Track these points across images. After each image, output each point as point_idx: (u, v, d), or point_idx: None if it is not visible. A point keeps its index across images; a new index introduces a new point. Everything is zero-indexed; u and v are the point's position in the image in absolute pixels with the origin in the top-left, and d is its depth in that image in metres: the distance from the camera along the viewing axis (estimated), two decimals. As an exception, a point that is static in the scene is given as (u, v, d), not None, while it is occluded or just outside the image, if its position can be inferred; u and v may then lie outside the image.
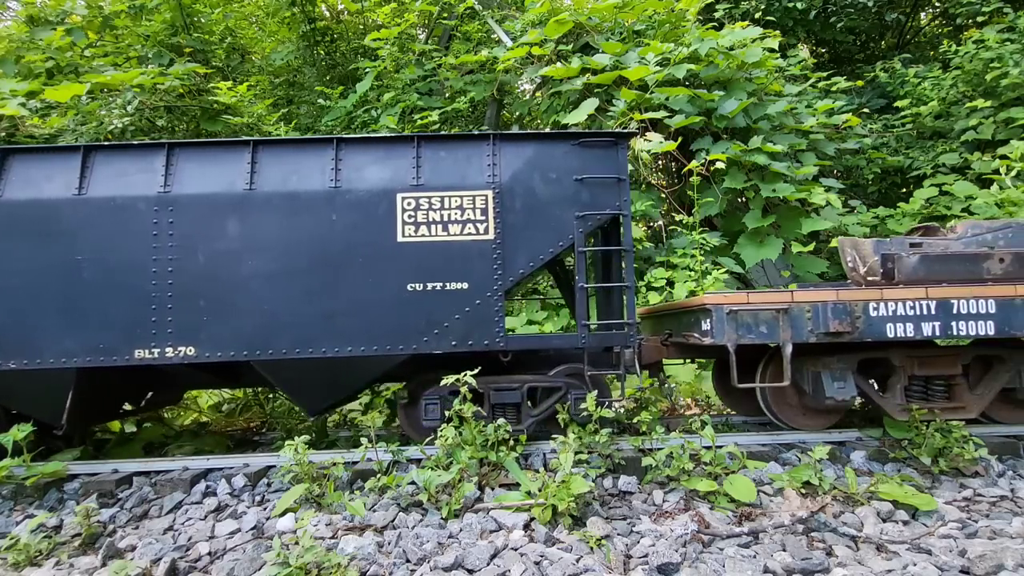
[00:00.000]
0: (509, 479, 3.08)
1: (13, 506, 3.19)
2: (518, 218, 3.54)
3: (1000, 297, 3.25)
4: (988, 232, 3.74)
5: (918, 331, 3.23)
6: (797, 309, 3.24)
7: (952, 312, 3.25)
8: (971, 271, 3.56)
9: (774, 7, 10.33)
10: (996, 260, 3.57)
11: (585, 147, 3.63)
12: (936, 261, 3.57)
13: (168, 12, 9.42)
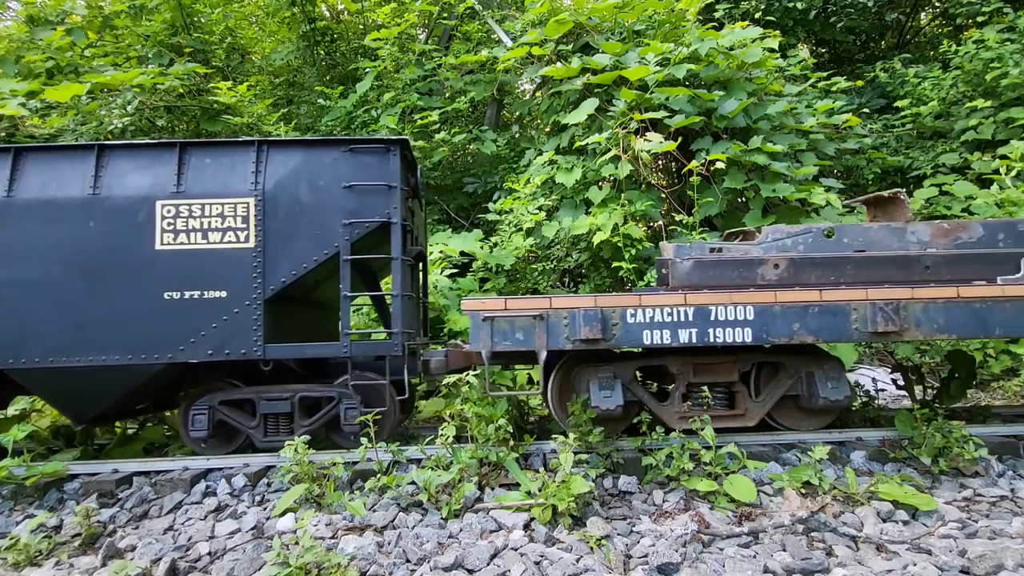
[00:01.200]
0: (509, 479, 3.08)
1: (13, 506, 3.19)
2: (282, 226, 3.53)
3: (758, 304, 3.15)
4: (788, 237, 3.67)
5: (675, 338, 3.12)
6: (555, 316, 3.15)
7: (710, 319, 3.14)
8: (744, 277, 3.48)
9: (774, 7, 10.33)
10: (771, 266, 3.49)
11: (356, 154, 3.61)
12: (710, 267, 3.50)
13: (168, 12, 9.42)
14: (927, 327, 3.12)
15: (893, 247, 3.65)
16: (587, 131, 7.11)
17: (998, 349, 5.75)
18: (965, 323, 3.11)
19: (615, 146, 6.43)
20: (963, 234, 3.67)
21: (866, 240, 3.70)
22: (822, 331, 3.13)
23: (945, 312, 3.11)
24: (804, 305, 3.15)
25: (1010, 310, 3.11)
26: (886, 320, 3.06)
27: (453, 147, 8.71)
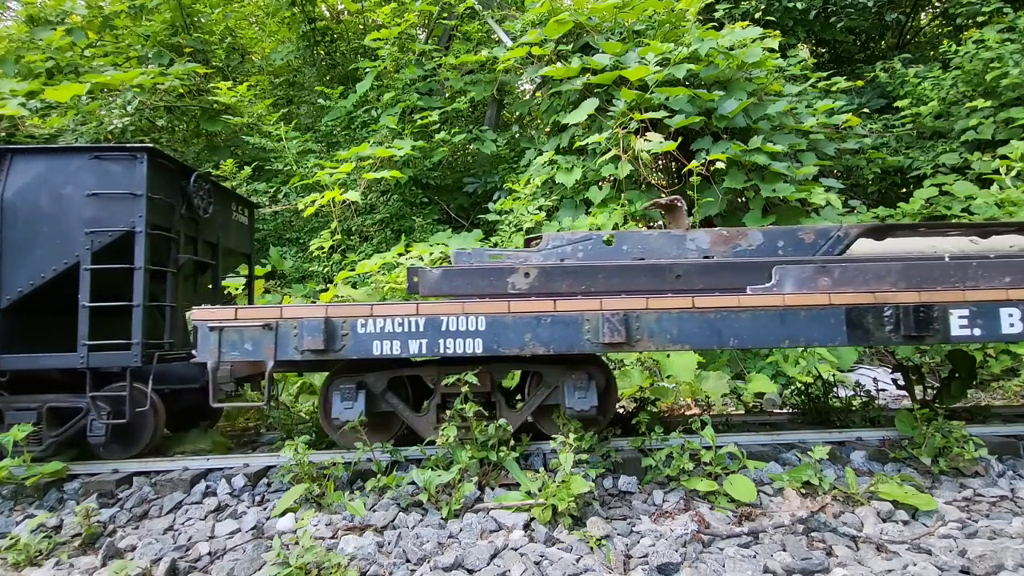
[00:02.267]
0: (509, 479, 3.08)
1: (13, 506, 3.19)
2: (20, 235, 3.46)
3: (490, 314, 3.04)
4: (568, 244, 3.60)
5: (405, 349, 3.02)
6: (284, 325, 3.05)
7: (441, 329, 3.03)
8: (495, 286, 3.41)
9: (774, 7, 10.34)
10: (521, 275, 3.42)
11: (101, 162, 3.53)
12: (459, 276, 3.43)
13: (168, 12, 9.43)
14: (660, 338, 3.02)
15: (672, 254, 3.60)
16: (587, 131, 7.11)
17: (998, 349, 5.75)
18: (699, 334, 3.01)
19: (615, 146, 6.43)
20: (742, 242, 3.61)
21: (645, 248, 3.63)
22: (553, 342, 3.02)
23: (679, 323, 3.01)
24: (536, 316, 3.03)
25: (746, 320, 3.01)
26: (612, 331, 2.96)
27: (453, 147, 8.71)
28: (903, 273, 3.17)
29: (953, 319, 3.01)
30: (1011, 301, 3.03)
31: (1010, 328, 3.01)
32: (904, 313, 2.99)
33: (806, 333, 3.00)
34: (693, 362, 4.99)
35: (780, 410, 4.99)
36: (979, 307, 3.03)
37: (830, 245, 3.62)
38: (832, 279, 3.16)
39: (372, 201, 8.25)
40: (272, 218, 8.33)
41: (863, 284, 3.15)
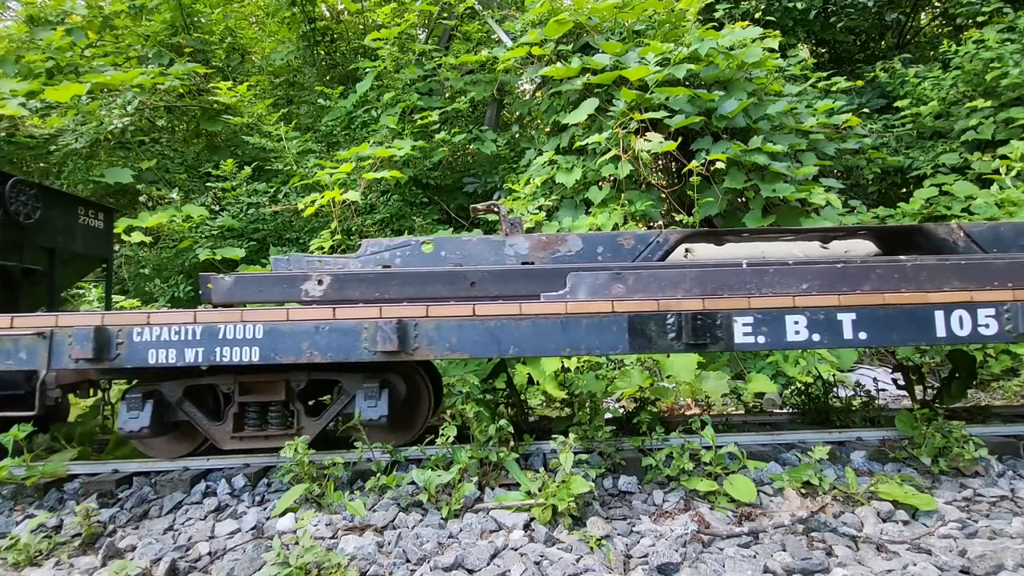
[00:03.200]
0: (509, 479, 3.08)
1: (13, 506, 3.19)
2: None
3: (268, 322, 2.99)
4: (387, 250, 3.57)
5: (181, 357, 2.97)
6: (60, 334, 2.99)
7: (218, 338, 2.98)
8: (288, 293, 3.37)
9: (774, 7, 10.34)
10: (315, 282, 3.37)
11: None
12: (252, 283, 3.39)
13: (168, 12, 9.43)
14: (439, 346, 2.98)
15: (490, 261, 3.57)
16: (587, 131, 7.11)
17: (998, 349, 5.75)
18: (479, 342, 2.97)
19: (615, 146, 6.43)
20: (561, 247, 3.58)
21: (463, 254, 3.60)
22: (331, 350, 2.97)
23: (459, 331, 2.97)
24: (315, 324, 2.99)
25: (526, 328, 2.97)
26: (384, 339, 2.92)
27: (453, 147, 8.71)
28: (698, 280, 3.12)
29: (737, 327, 2.96)
30: (797, 308, 2.98)
31: (795, 336, 2.96)
32: (686, 321, 2.95)
33: (587, 341, 2.97)
34: (693, 362, 4.99)
35: (780, 410, 4.99)
36: (764, 315, 2.98)
37: (650, 251, 3.59)
38: (627, 286, 3.11)
39: (372, 201, 8.25)
40: (272, 218, 8.33)
41: (658, 291, 3.11)
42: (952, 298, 3.01)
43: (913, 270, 3.13)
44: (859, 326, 2.97)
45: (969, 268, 3.13)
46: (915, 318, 2.99)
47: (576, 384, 4.26)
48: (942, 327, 2.98)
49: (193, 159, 9.33)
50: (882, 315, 2.98)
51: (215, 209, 8.45)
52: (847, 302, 2.99)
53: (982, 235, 3.65)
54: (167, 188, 8.19)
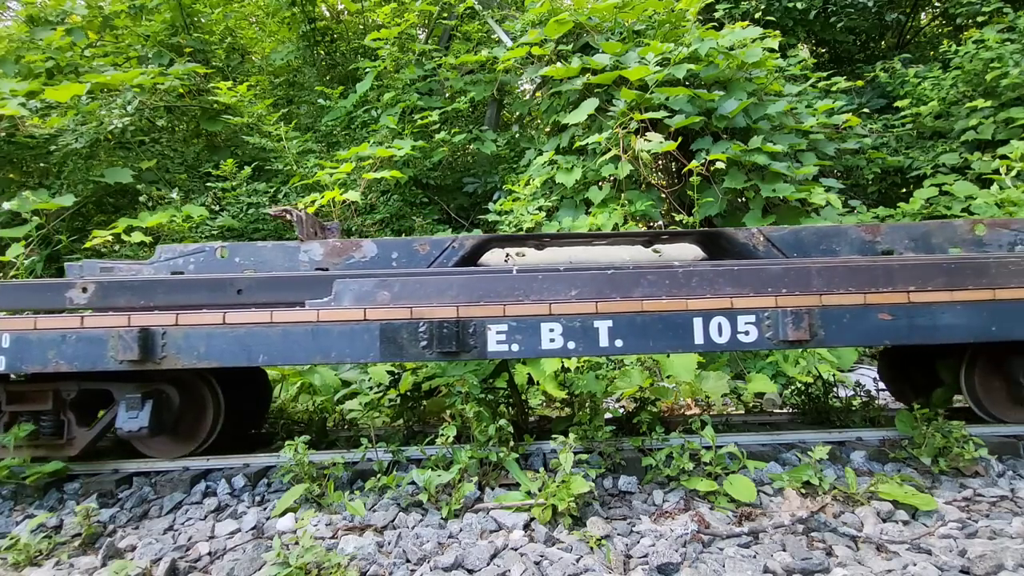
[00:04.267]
0: (509, 479, 3.08)
1: (13, 506, 3.19)
2: None
3: (14, 330, 2.92)
4: (181, 256, 3.51)
5: None
6: None
7: None
8: (52, 301, 3.29)
9: (774, 7, 10.34)
10: (79, 289, 3.29)
11: None
12: (17, 291, 3.30)
13: (168, 12, 9.43)
14: (188, 355, 2.92)
15: (284, 267, 3.51)
16: (587, 131, 7.11)
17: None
18: (228, 350, 2.92)
19: (615, 146, 6.43)
20: (356, 253, 3.54)
21: (258, 260, 3.54)
22: (77, 359, 2.91)
23: (208, 339, 2.92)
24: (61, 332, 2.93)
25: (276, 336, 2.92)
26: (125, 348, 2.87)
27: (453, 147, 8.71)
28: (465, 287, 3.05)
29: (491, 335, 2.92)
30: (553, 316, 2.93)
31: (551, 344, 2.92)
32: (437, 329, 2.91)
33: (338, 349, 2.93)
34: (693, 362, 4.99)
35: (780, 410, 4.98)
36: (519, 322, 2.93)
37: (445, 256, 3.55)
38: (392, 293, 3.06)
39: (372, 201, 8.25)
40: (272, 218, 8.33)
41: (423, 298, 3.05)
42: (711, 305, 2.96)
43: (684, 276, 3.06)
44: (615, 334, 2.93)
45: (743, 274, 3.07)
46: (673, 325, 2.94)
47: (576, 384, 4.25)
48: (700, 334, 2.94)
49: (193, 159, 9.33)
50: (639, 322, 2.94)
51: (215, 209, 8.45)
52: (604, 309, 2.94)
53: (783, 239, 3.61)
54: (167, 188, 8.19)
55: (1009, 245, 3.67)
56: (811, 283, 3.06)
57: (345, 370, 5.12)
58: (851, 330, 2.98)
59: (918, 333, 2.99)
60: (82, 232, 7.85)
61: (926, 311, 2.98)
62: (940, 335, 3.01)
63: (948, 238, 3.65)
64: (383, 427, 4.44)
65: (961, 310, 2.99)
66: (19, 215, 6.63)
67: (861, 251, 3.65)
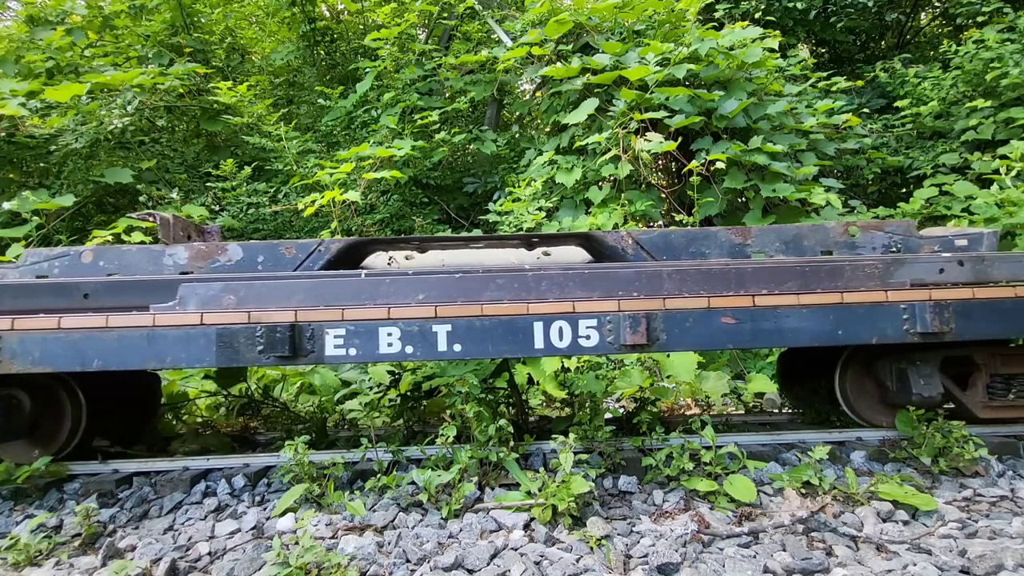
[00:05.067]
0: (509, 479, 3.08)
1: (13, 506, 3.19)
2: None
3: None
4: (46, 260, 3.46)
5: None
6: None
7: None
8: None
9: (774, 7, 10.34)
10: None
11: None
12: None
13: (168, 12, 9.43)
14: (23, 360, 2.89)
15: (148, 271, 3.46)
16: (587, 131, 7.11)
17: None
18: (62, 355, 2.88)
19: (615, 146, 6.43)
20: (221, 257, 3.50)
21: (122, 264, 3.48)
22: None
23: (43, 344, 2.89)
24: None
25: (112, 341, 2.87)
26: None
27: (453, 147, 8.71)
28: (312, 291, 3.02)
29: (329, 339, 2.88)
30: (392, 320, 2.90)
31: (388, 348, 2.88)
32: (275, 333, 2.87)
33: (174, 354, 2.90)
34: (693, 362, 4.99)
35: (780, 410, 4.99)
36: (357, 327, 2.89)
37: (311, 260, 3.52)
38: (238, 297, 3.03)
39: (372, 201, 8.25)
40: (272, 218, 8.34)
41: (270, 302, 3.01)
42: (553, 309, 2.93)
43: (534, 279, 3.03)
44: (454, 338, 2.90)
45: (593, 277, 3.04)
46: (513, 330, 2.90)
47: (576, 384, 4.25)
48: (541, 339, 2.90)
49: (193, 159, 9.33)
50: (479, 327, 2.90)
51: (215, 209, 8.46)
52: (444, 313, 2.91)
53: (652, 242, 3.58)
54: (167, 188, 8.19)
55: (883, 248, 3.65)
56: (662, 286, 3.04)
57: (345, 370, 5.12)
58: (694, 334, 2.95)
59: (762, 337, 2.97)
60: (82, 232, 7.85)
61: (771, 315, 2.94)
62: (786, 339, 2.98)
63: (821, 241, 3.61)
64: (383, 427, 4.44)
65: (807, 314, 2.96)
66: (19, 215, 6.63)
67: (731, 254, 3.62)
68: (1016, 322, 3.04)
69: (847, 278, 3.08)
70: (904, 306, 3.00)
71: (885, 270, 3.12)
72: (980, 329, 3.03)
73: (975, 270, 3.16)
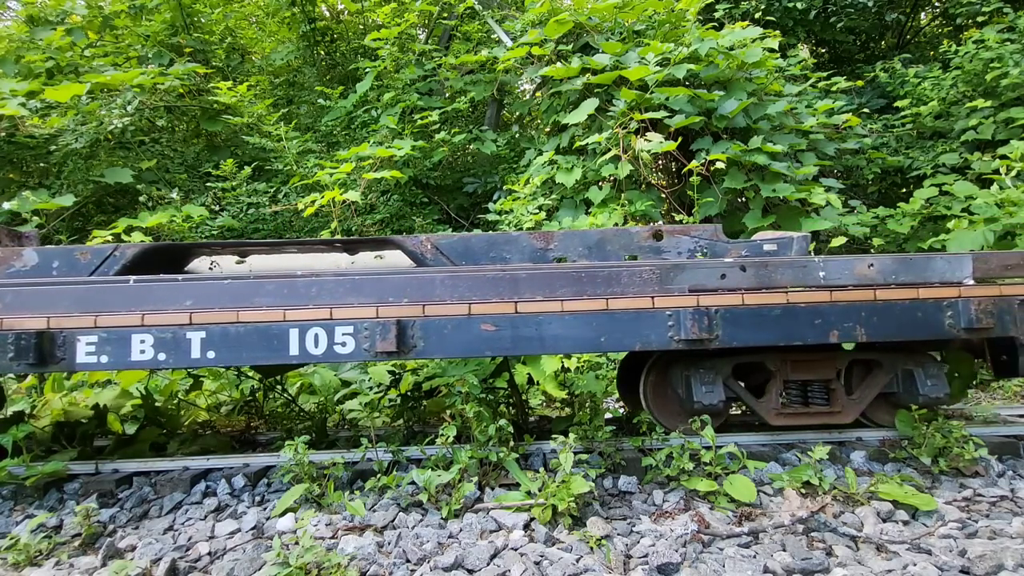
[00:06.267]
0: (509, 479, 3.08)
1: (13, 506, 3.19)
2: None
3: None
4: None
5: None
6: None
7: None
8: None
9: (774, 7, 10.34)
10: None
11: None
12: None
13: (168, 12, 9.43)
14: None
15: None
16: (587, 131, 7.11)
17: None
18: None
19: (615, 146, 6.43)
20: (16, 262, 3.41)
21: None
22: None
23: None
24: None
25: None
26: None
27: (453, 147, 8.71)
28: (80, 297, 2.96)
29: (80, 346, 2.84)
30: (144, 327, 2.86)
31: (140, 355, 2.84)
32: (21, 340, 2.81)
33: None
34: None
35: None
36: (109, 333, 2.85)
37: (106, 265, 3.48)
38: (4, 303, 2.97)
39: (372, 201, 8.25)
40: (272, 218, 8.34)
41: (35, 308, 2.94)
42: (310, 316, 2.91)
43: (305, 286, 3.00)
44: (208, 345, 2.87)
45: (364, 283, 3.01)
46: (268, 337, 2.88)
47: (576, 384, 4.25)
48: (296, 346, 2.88)
49: (193, 159, 9.33)
50: (234, 334, 2.87)
51: (215, 209, 8.46)
52: (199, 320, 2.87)
53: (452, 247, 3.56)
54: (167, 188, 8.19)
55: (689, 252, 3.61)
56: (433, 292, 3.00)
57: (346, 370, 5.12)
58: (453, 341, 2.92)
59: (523, 345, 2.93)
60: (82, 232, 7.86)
61: (533, 322, 2.92)
62: (548, 347, 2.95)
63: (625, 245, 3.57)
64: (383, 427, 4.45)
65: (570, 320, 2.92)
66: (19, 215, 6.63)
67: (533, 259, 3.57)
68: (787, 329, 2.98)
69: (624, 284, 3.02)
70: (669, 313, 2.95)
71: (664, 275, 3.05)
72: (748, 336, 2.98)
73: (758, 276, 3.09)
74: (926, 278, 3.17)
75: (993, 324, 3.00)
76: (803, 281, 3.10)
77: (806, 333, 2.99)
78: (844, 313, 3.01)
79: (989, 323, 2.99)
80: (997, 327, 3.02)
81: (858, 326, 3.01)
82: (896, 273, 3.16)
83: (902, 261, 3.18)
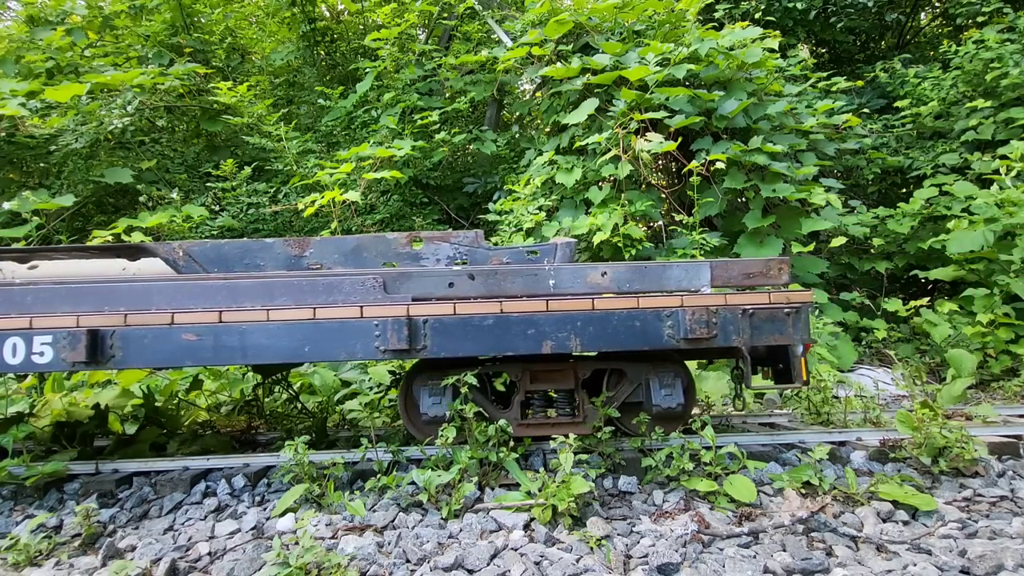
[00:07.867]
0: (509, 479, 3.08)
1: (13, 506, 3.19)
2: None
3: None
4: None
5: None
6: None
7: None
8: None
9: (774, 7, 10.34)
10: None
11: None
12: None
13: (168, 12, 9.43)
14: None
15: None
16: (587, 131, 7.11)
17: (998, 349, 5.75)
18: None
19: (615, 146, 6.43)
20: None
21: None
22: None
23: None
24: None
25: None
26: None
27: (453, 147, 8.71)
28: None
29: None
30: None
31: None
32: None
33: None
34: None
35: (780, 410, 4.98)
36: None
37: None
38: None
39: (372, 201, 8.25)
40: (272, 218, 8.34)
41: None
42: (10, 325, 2.86)
43: (21, 293, 2.94)
44: None
45: (80, 292, 2.97)
46: None
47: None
48: None
49: (193, 159, 9.33)
50: None
51: (215, 209, 8.46)
52: None
53: (204, 254, 3.51)
54: (167, 188, 8.20)
55: (448, 259, 3.58)
56: (151, 300, 2.96)
57: (346, 370, 5.12)
58: (153, 351, 2.87)
59: (226, 354, 2.88)
60: (82, 232, 7.86)
61: (236, 331, 2.87)
62: (250, 356, 2.89)
63: (383, 252, 3.54)
64: (383, 427, 4.44)
65: (275, 330, 2.88)
66: (19, 215, 6.64)
67: (287, 266, 3.53)
68: (499, 339, 2.92)
69: (346, 293, 2.98)
70: (376, 323, 2.88)
71: (390, 284, 3.01)
72: (459, 346, 2.93)
73: (487, 284, 3.05)
74: (662, 286, 3.13)
75: (711, 334, 2.92)
76: (533, 290, 3.05)
77: (518, 343, 2.92)
78: (559, 323, 2.92)
79: (703, 333, 2.91)
80: (719, 336, 2.93)
81: (573, 336, 2.92)
82: (630, 281, 3.10)
83: (636, 269, 3.13)
